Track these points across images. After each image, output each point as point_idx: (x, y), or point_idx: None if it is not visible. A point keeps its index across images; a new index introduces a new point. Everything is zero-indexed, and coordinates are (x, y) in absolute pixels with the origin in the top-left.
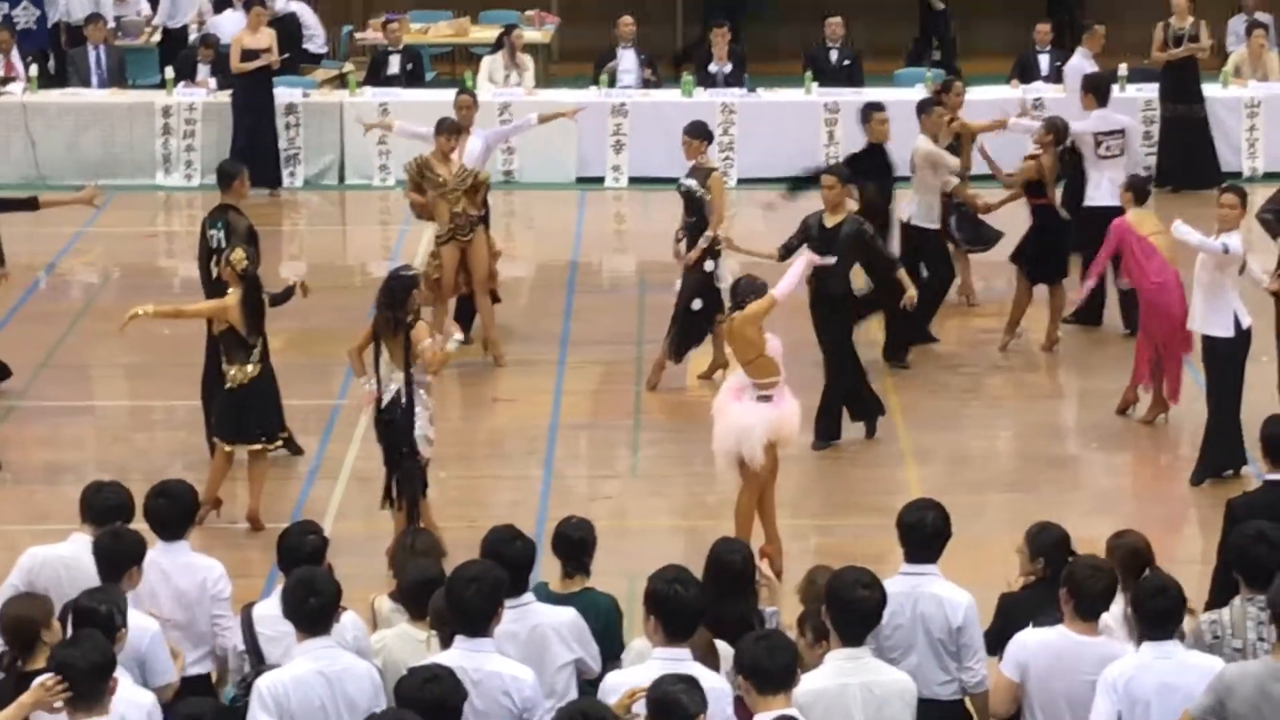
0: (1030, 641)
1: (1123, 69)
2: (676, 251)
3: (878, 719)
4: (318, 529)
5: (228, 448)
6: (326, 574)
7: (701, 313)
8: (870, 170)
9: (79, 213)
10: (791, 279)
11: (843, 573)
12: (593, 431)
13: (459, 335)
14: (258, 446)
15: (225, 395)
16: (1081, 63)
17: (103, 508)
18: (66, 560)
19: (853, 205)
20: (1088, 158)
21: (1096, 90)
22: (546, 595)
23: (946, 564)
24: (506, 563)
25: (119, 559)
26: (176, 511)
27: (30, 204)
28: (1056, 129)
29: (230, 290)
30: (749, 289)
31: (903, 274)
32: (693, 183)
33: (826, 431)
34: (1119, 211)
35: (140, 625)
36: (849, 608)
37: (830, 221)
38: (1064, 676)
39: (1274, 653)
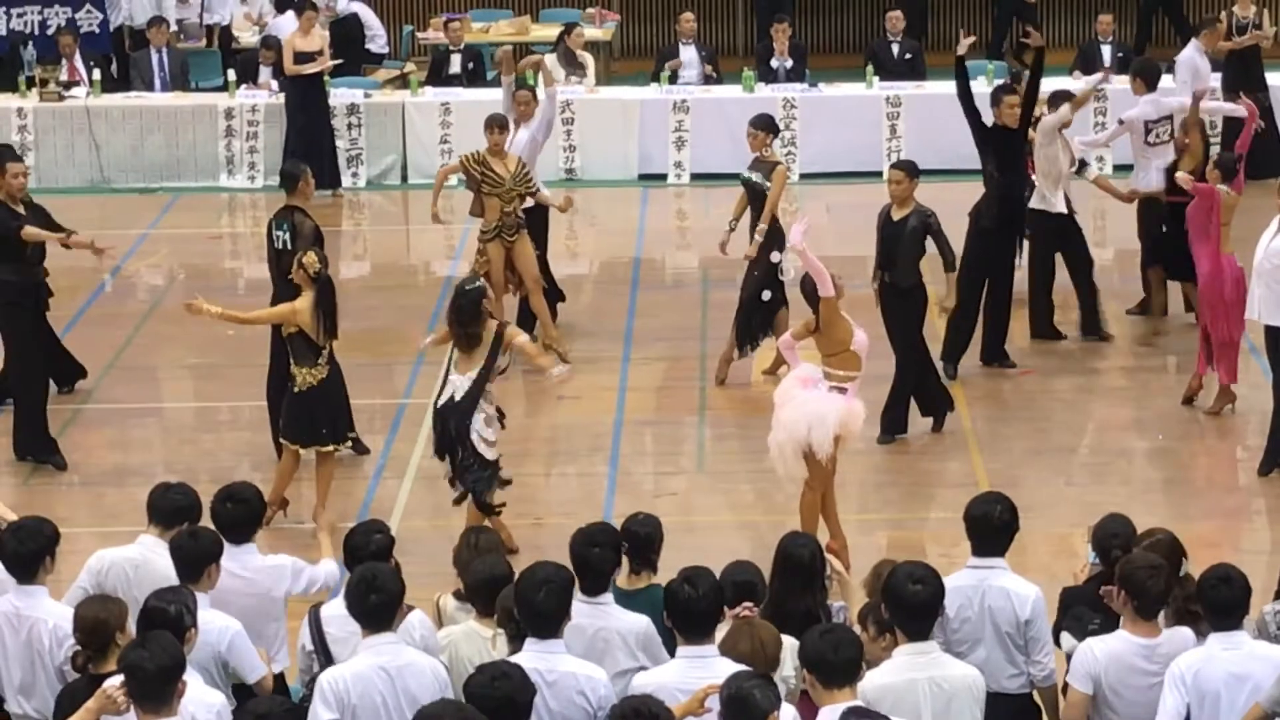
0: (1098, 652)
1: None
2: (722, 244)
3: (946, 714)
4: (384, 528)
5: (296, 449)
6: (390, 571)
7: (770, 303)
8: (996, 148)
9: (145, 214)
10: (816, 271)
11: (897, 569)
12: (657, 428)
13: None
14: (327, 449)
15: (293, 398)
16: (1193, 56)
17: (170, 509)
18: (135, 561)
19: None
20: (1135, 145)
21: (1145, 75)
22: (614, 592)
23: (1015, 557)
24: (590, 566)
25: (197, 558)
26: (244, 514)
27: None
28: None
29: (302, 293)
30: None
31: (952, 277)
32: (756, 175)
33: (893, 425)
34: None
35: (221, 625)
36: (902, 603)
37: (897, 215)
38: (1135, 682)
39: None
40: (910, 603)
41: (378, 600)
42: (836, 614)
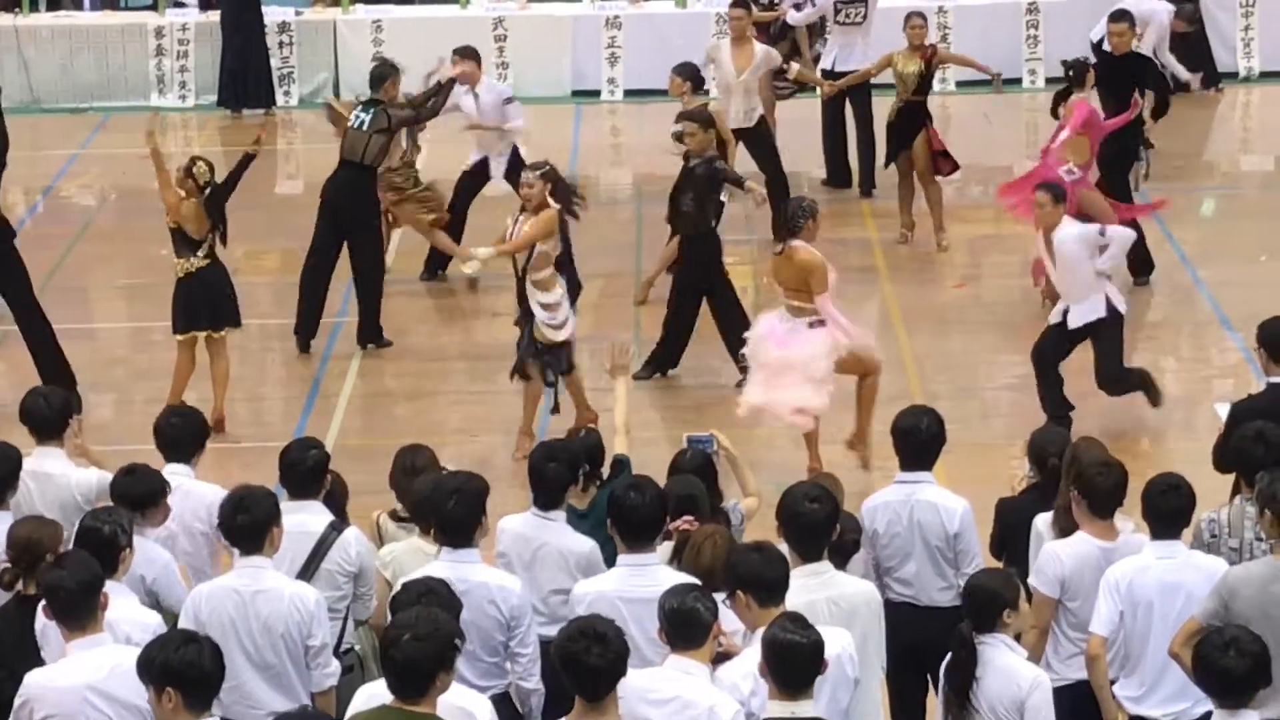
0: (1063, 554)
1: None
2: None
3: (848, 630)
4: (319, 444)
5: (190, 342)
6: (261, 492)
7: None
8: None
9: (76, 134)
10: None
11: (793, 488)
12: (594, 344)
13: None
14: (216, 334)
15: (176, 287)
16: None
17: (40, 418)
18: (33, 473)
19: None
20: (829, 26)
21: None
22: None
23: (950, 470)
24: (545, 481)
25: (141, 495)
26: (188, 433)
27: None
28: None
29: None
30: (803, 210)
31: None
32: (676, 127)
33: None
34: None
35: (147, 557)
36: (796, 521)
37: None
38: (1096, 583)
39: (1275, 552)
40: (806, 521)
41: (244, 521)
42: (733, 512)
